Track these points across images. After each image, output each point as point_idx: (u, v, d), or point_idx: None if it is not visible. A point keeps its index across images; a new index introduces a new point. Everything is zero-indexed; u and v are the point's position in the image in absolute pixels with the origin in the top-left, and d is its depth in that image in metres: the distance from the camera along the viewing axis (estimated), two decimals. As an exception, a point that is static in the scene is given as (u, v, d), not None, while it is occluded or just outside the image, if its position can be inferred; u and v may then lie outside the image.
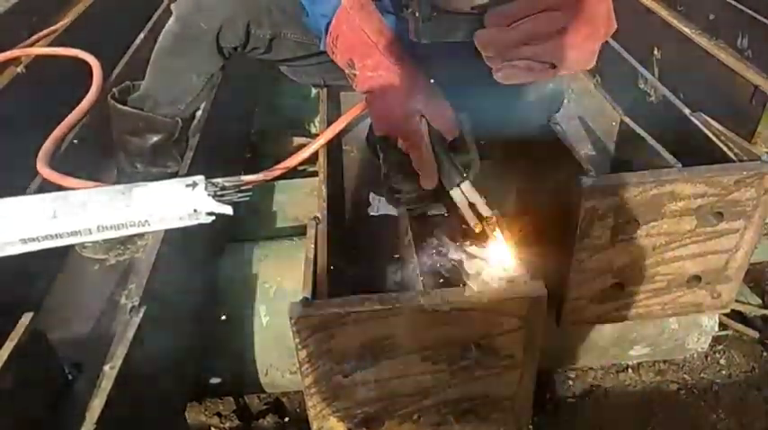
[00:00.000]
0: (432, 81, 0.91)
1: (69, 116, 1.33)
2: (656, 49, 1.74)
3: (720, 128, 1.12)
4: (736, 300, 1.44)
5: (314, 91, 2.11)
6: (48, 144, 1.22)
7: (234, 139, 1.72)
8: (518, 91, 1.10)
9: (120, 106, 1.18)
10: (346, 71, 0.92)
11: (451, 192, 0.94)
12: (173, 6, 1.12)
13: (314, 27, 0.99)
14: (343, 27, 0.89)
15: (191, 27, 1.09)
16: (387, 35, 0.88)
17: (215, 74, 1.16)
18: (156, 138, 1.19)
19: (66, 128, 1.30)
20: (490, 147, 1.08)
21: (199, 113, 1.24)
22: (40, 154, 1.19)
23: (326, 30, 0.92)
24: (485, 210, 0.92)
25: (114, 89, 1.22)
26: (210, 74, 1.15)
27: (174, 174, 1.16)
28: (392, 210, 1.31)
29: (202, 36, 1.09)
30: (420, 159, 0.93)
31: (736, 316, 1.55)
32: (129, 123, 1.19)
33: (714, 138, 1.09)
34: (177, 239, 1.01)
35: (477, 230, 0.93)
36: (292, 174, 1.41)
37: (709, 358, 1.51)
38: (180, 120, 1.19)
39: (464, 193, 0.93)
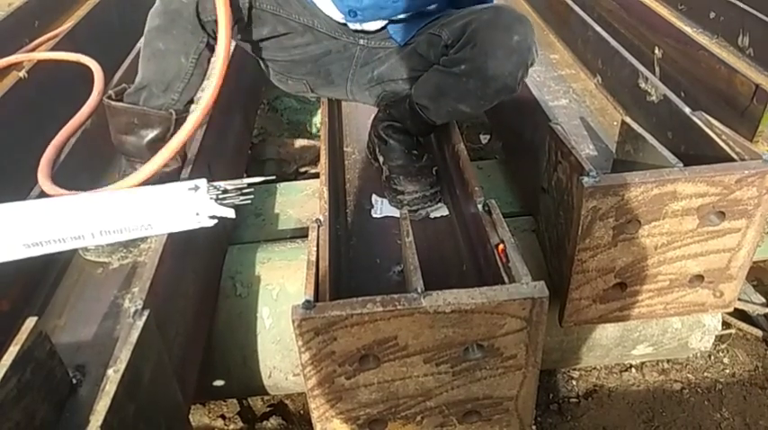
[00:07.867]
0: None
1: (70, 122, 1.33)
2: (656, 48, 1.74)
3: (721, 127, 1.11)
4: (740, 299, 1.43)
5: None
6: (49, 152, 1.23)
7: (235, 142, 1.72)
8: (486, 50, 1.14)
9: (114, 103, 1.19)
10: None
11: None
12: None
13: None
14: None
15: (171, 2, 1.15)
16: None
17: (202, 53, 1.19)
18: (151, 135, 1.19)
19: (66, 134, 1.30)
20: (492, 147, 1.09)
21: (192, 107, 1.23)
22: (42, 162, 1.19)
23: None
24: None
25: (111, 91, 1.23)
26: (198, 53, 1.19)
27: (175, 174, 1.17)
28: (394, 212, 1.32)
29: (183, 9, 1.14)
30: None
31: (740, 314, 1.54)
32: (124, 121, 1.20)
33: (715, 138, 1.09)
34: (180, 242, 1.01)
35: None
36: (295, 176, 1.42)
37: (712, 357, 1.51)
38: (174, 113, 1.19)
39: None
